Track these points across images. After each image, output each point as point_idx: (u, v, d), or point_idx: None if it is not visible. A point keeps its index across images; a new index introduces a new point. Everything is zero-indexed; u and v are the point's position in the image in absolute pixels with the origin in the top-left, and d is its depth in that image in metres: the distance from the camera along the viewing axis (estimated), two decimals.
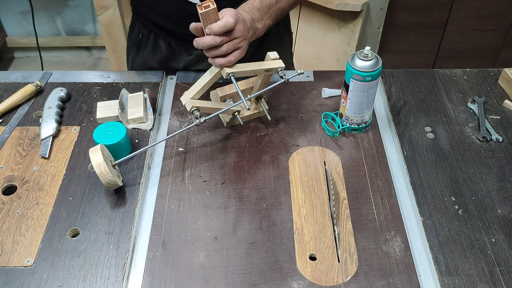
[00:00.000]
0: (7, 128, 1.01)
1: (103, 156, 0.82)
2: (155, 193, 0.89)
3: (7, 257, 0.78)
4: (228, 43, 0.86)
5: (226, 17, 0.84)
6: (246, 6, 0.94)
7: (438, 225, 0.83)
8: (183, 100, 0.92)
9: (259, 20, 0.94)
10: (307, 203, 0.87)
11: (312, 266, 0.78)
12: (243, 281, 0.76)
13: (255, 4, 0.95)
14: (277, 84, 0.93)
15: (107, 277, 0.76)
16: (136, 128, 1.01)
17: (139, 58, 1.20)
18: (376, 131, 1.01)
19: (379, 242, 0.81)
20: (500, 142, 0.99)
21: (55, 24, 2.64)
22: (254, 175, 0.92)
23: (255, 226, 0.83)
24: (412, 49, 2.31)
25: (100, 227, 0.83)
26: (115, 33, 2.19)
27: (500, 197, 0.88)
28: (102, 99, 1.08)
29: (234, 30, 0.86)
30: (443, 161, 0.95)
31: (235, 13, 0.86)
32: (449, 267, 0.77)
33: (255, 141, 0.99)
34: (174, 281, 0.76)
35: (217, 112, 0.93)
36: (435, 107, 1.07)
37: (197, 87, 0.91)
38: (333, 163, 0.94)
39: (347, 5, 1.93)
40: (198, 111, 0.90)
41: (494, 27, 2.23)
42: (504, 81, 1.11)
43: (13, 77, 1.14)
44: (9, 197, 0.88)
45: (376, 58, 0.90)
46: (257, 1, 0.95)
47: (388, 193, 0.89)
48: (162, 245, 0.81)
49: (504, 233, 0.82)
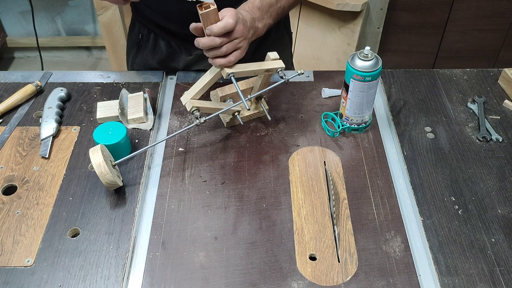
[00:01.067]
0: (7, 128, 1.01)
1: (103, 156, 0.82)
2: (155, 193, 0.89)
3: (7, 257, 0.78)
4: (228, 43, 0.86)
5: (226, 17, 0.84)
6: (246, 6, 0.94)
7: (438, 225, 0.83)
8: (183, 100, 0.92)
9: (260, 19, 0.94)
10: (307, 203, 0.87)
11: (312, 266, 0.78)
12: (243, 281, 0.76)
13: (256, 3, 0.94)
14: (277, 84, 0.93)
15: (107, 277, 0.76)
16: (136, 128, 1.01)
17: (139, 58, 1.20)
18: (376, 131, 1.01)
19: (379, 242, 0.81)
20: (500, 142, 0.99)
21: (55, 24, 2.64)
22: (254, 175, 0.92)
23: (255, 226, 0.83)
24: (412, 49, 2.31)
25: (100, 227, 0.83)
26: (115, 33, 2.19)
27: (500, 197, 0.88)
28: (102, 99, 1.08)
29: (234, 31, 0.86)
30: (443, 161, 0.95)
31: (235, 13, 0.86)
32: (449, 267, 0.77)
33: (255, 141, 0.99)
34: (174, 281, 0.76)
35: (217, 112, 0.93)
36: (435, 107, 1.07)
37: (197, 87, 0.91)
38: (333, 163, 0.94)
39: (347, 5, 1.93)
40: (198, 111, 0.90)
41: (494, 27, 2.23)
42: (504, 81, 1.11)
43: (13, 77, 1.14)
44: (9, 197, 0.88)
45: (376, 58, 0.90)
46: (258, 0, 0.95)
47: (388, 193, 0.89)
48: (162, 245, 0.81)
49: (504, 233, 0.82)
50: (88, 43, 2.70)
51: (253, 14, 0.93)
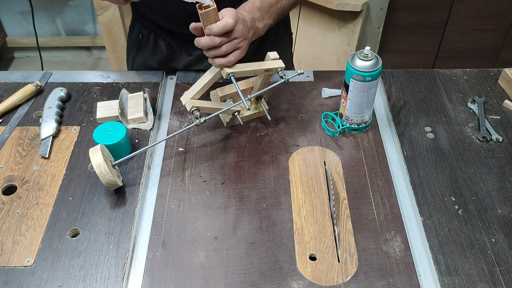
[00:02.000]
0: (7, 128, 1.01)
1: (103, 156, 0.82)
2: (155, 193, 0.89)
3: (7, 257, 0.78)
4: (227, 43, 0.86)
5: (225, 17, 0.84)
6: (246, 6, 0.94)
7: (438, 225, 0.83)
8: (183, 100, 0.92)
9: (260, 19, 0.94)
10: (307, 203, 0.87)
11: (312, 266, 0.78)
12: (243, 281, 0.76)
13: (256, 3, 0.94)
14: (277, 84, 0.93)
15: (107, 277, 0.76)
16: (136, 128, 1.01)
17: (139, 58, 1.20)
18: (376, 131, 1.01)
19: (379, 242, 0.81)
20: (500, 142, 0.99)
21: (55, 24, 2.64)
22: (254, 175, 0.92)
23: (255, 226, 0.83)
24: (412, 49, 2.31)
25: (100, 227, 0.83)
26: (115, 33, 2.19)
27: (500, 197, 0.88)
28: (102, 99, 1.08)
29: (234, 31, 0.86)
30: (443, 161, 0.95)
31: (235, 13, 0.86)
32: (449, 267, 0.77)
33: (255, 141, 0.99)
34: (174, 281, 0.76)
35: (217, 112, 0.93)
36: (435, 107, 1.07)
37: (197, 87, 0.91)
38: (333, 163, 0.94)
39: (347, 5, 1.93)
40: (198, 111, 0.90)
41: (494, 27, 2.23)
42: (504, 81, 1.11)
43: (13, 77, 1.14)
44: (9, 197, 0.88)
45: (376, 58, 0.90)
46: (258, 0, 0.95)
47: (388, 193, 0.89)
48: (162, 245, 0.81)
49: (504, 233, 0.82)
50: (88, 43, 2.70)
51: (253, 14, 0.93)
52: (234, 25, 0.84)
